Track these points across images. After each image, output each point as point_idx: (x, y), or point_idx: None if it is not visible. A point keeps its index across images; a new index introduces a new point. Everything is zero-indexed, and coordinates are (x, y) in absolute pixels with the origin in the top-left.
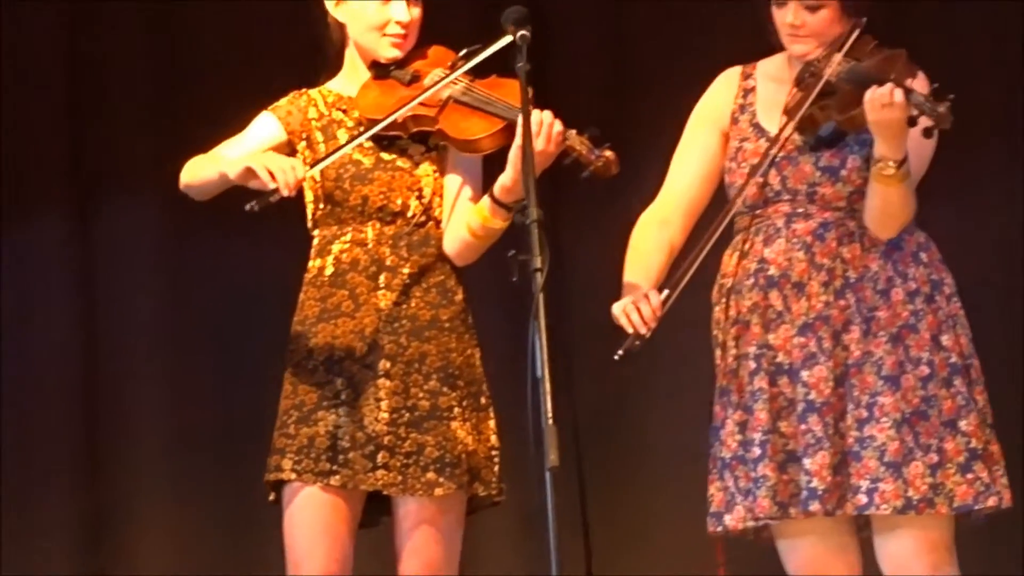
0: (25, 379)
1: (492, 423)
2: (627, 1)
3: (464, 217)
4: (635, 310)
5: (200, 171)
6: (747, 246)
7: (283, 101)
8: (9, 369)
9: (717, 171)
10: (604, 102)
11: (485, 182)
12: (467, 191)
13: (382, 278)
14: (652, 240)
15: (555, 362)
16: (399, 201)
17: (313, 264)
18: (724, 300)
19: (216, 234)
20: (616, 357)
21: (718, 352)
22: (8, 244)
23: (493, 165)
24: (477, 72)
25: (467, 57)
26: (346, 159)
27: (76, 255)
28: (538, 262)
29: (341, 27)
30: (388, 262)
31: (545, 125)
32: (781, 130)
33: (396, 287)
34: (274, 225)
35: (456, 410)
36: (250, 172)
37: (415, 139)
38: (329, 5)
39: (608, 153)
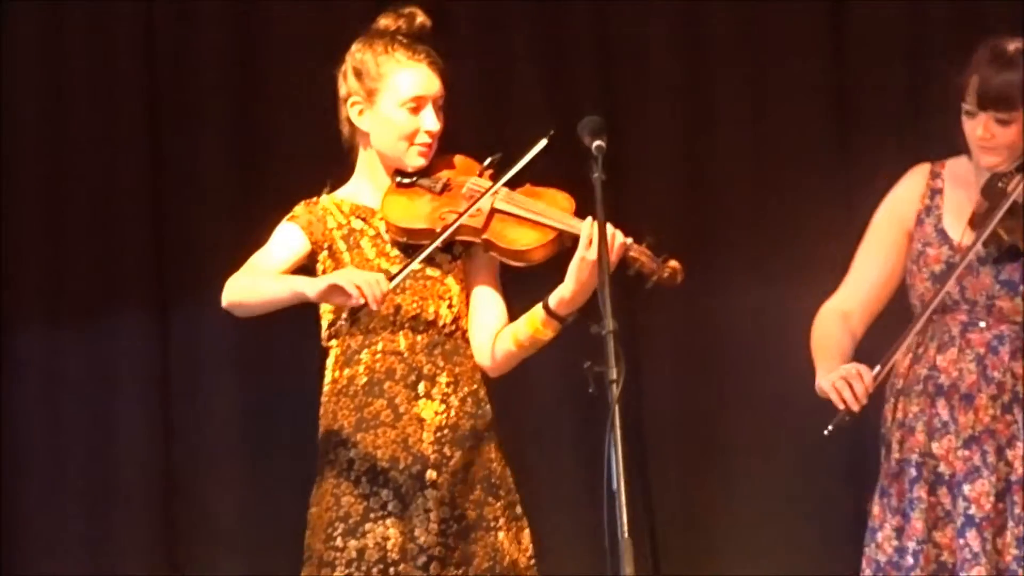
0: (104, 480)
1: (527, 532)
2: (695, 109)
3: (507, 328)
4: (847, 386)
5: (255, 290)
6: (920, 350)
7: (300, 210)
8: (90, 471)
9: (900, 269)
10: (674, 207)
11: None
12: (495, 300)
13: (421, 387)
14: (837, 327)
15: (631, 473)
16: (431, 310)
17: (340, 374)
18: (893, 400)
19: (292, 331)
20: (826, 432)
21: (883, 451)
22: (87, 339)
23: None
24: (511, 180)
25: (500, 165)
26: (369, 267)
27: (155, 351)
28: (614, 373)
29: (355, 134)
30: (426, 370)
31: (607, 236)
32: (968, 247)
33: (436, 396)
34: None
35: (500, 520)
36: (335, 289)
37: (442, 248)
38: (352, 113)
39: (672, 263)
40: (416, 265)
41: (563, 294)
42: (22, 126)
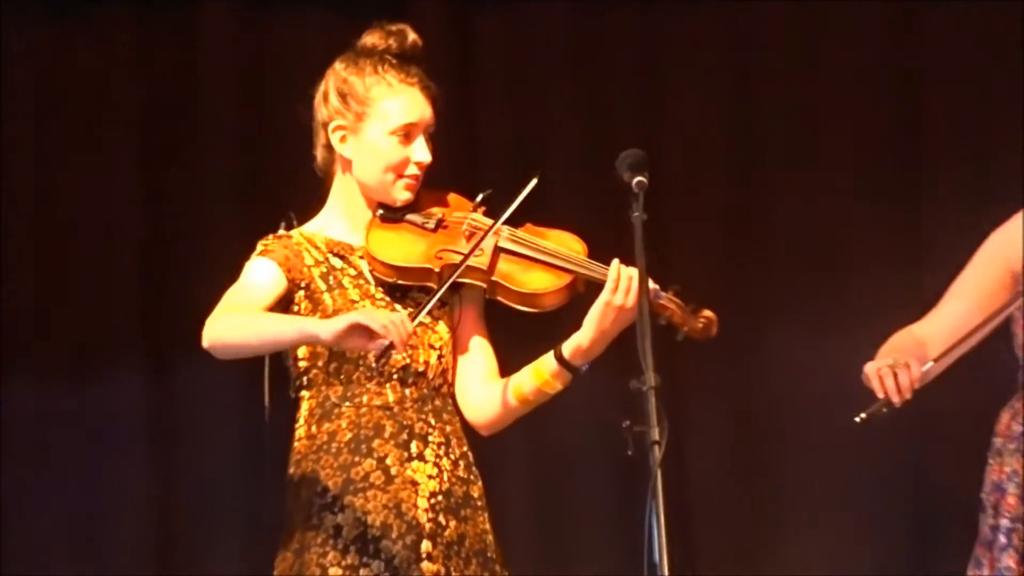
0: (98, 537)
1: None
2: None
3: (507, 381)
4: (891, 374)
5: (251, 328)
6: (1019, 404)
7: (273, 244)
8: (83, 528)
9: (994, 306)
10: (712, 249)
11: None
12: (485, 348)
13: (413, 446)
14: (909, 341)
15: (674, 543)
16: (422, 360)
17: (317, 429)
18: (991, 461)
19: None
20: (858, 420)
21: (980, 516)
22: (85, 399)
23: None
24: (510, 219)
25: (493, 202)
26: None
27: (151, 410)
28: (656, 434)
29: (333, 163)
30: (417, 428)
31: (634, 283)
32: None
33: (429, 458)
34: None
35: None
36: (356, 330)
37: (428, 292)
38: (333, 139)
39: (706, 314)
40: (431, 305)
41: (580, 342)
42: (13, 173)
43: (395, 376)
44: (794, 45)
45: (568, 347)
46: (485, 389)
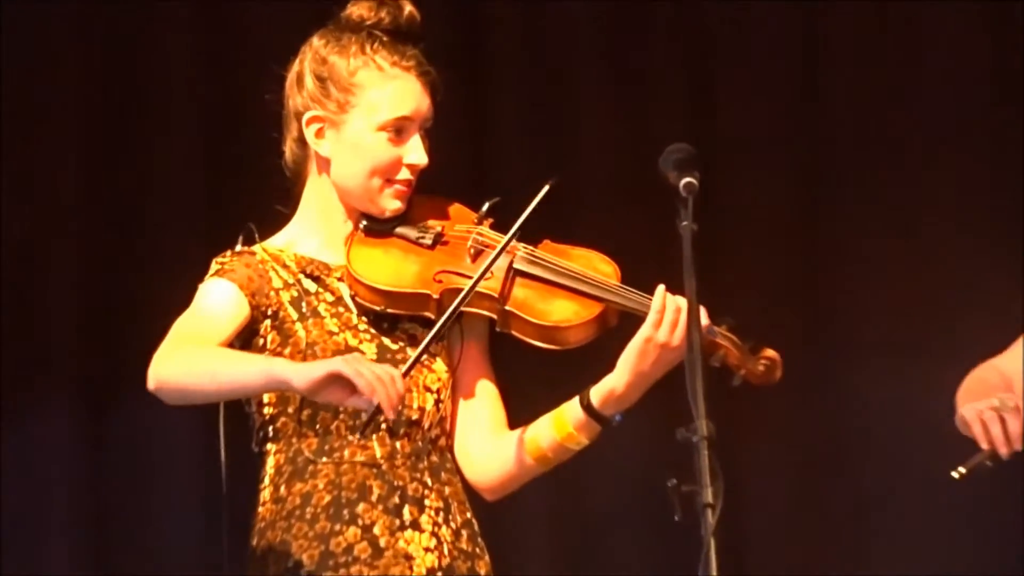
0: None
1: None
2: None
3: (520, 433)
4: (997, 420)
5: (206, 368)
6: None
7: (232, 262)
8: (10, 569)
9: None
10: (778, 273)
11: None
12: (490, 392)
13: (406, 512)
14: (999, 378)
15: None
16: (416, 406)
17: (287, 490)
18: None
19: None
20: (955, 475)
21: None
22: (12, 441)
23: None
24: (525, 234)
25: (499, 212)
26: (334, 345)
27: (81, 462)
28: (709, 495)
29: (306, 162)
30: (411, 491)
31: (683, 315)
32: None
33: (425, 526)
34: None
35: None
36: (334, 381)
37: (423, 323)
38: (308, 133)
39: (769, 353)
40: (424, 350)
41: (613, 387)
42: None
43: (383, 426)
44: (871, 42)
45: (598, 393)
46: (491, 443)
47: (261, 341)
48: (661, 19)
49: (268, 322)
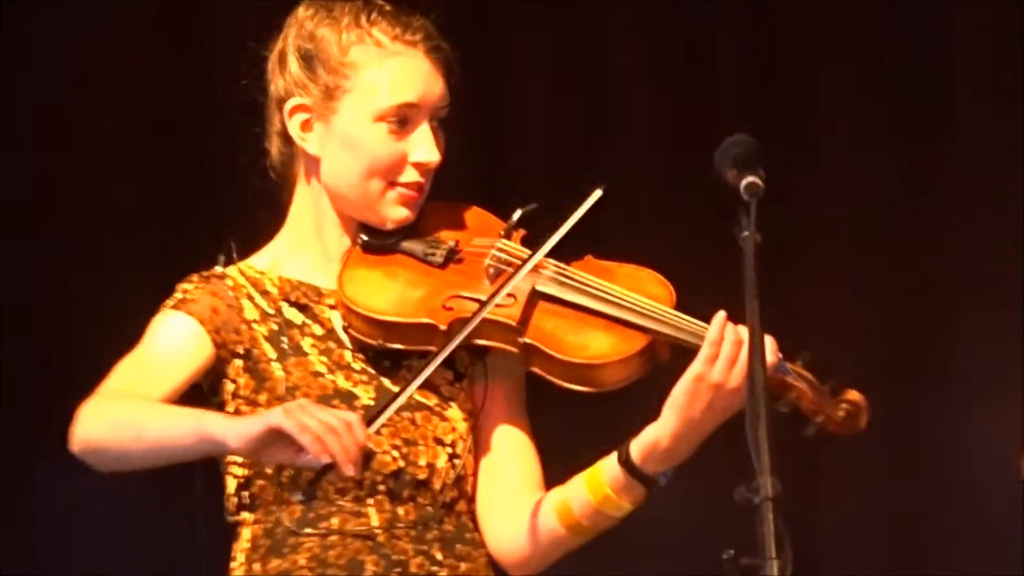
0: None
1: None
2: None
3: (549, 497)
4: None
5: (132, 427)
6: None
7: (196, 289)
8: None
9: None
10: (862, 298)
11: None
12: (523, 446)
13: None
14: None
15: None
16: (423, 462)
17: (264, 567)
18: None
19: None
20: None
21: None
22: None
23: None
24: (556, 250)
25: (532, 222)
26: (319, 388)
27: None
28: (775, 568)
29: (293, 163)
30: (414, 567)
31: (744, 348)
32: None
33: None
34: None
35: None
36: (274, 437)
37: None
38: (292, 126)
39: (852, 396)
40: (408, 393)
41: (658, 439)
42: None
43: (381, 487)
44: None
45: (639, 446)
46: (516, 509)
47: (231, 386)
48: None
49: (239, 363)
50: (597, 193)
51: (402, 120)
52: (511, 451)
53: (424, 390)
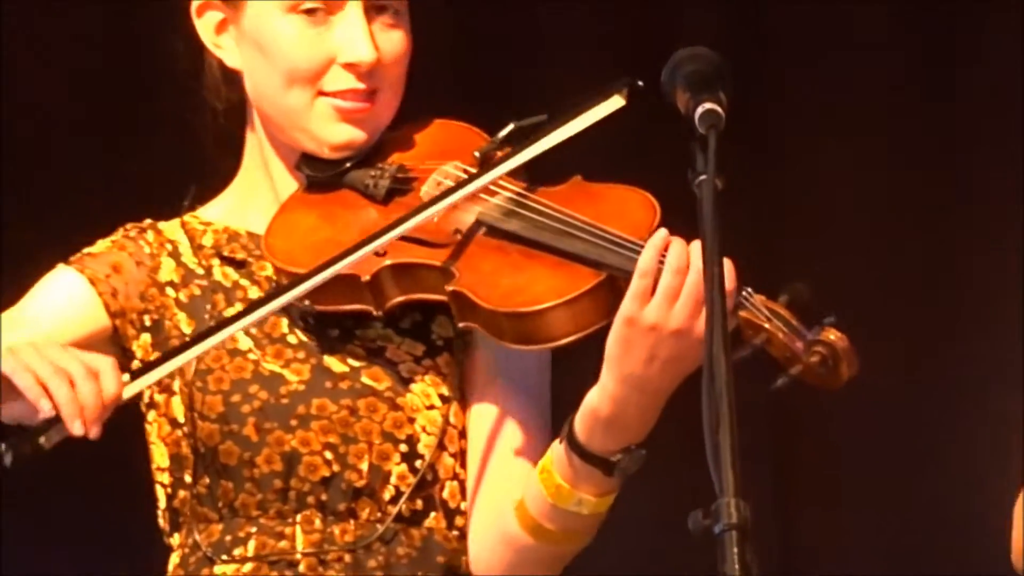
0: None
1: None
2: None
3: (514, 497)
4: None
5: None
6: None
7: (103, 244)
8: None
9: None
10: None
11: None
12: (519, 437)
13: None
14: None
15: None
16: (364, 466)
17: None
18: None
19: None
20: None
21: None
22: None
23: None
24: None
25: (518, 138)
26: (235, 370)
27: None
28: None
29: (233, 81)
30: None
31: (692, 275)
32: None
33: None
34: None
35: None
36: (7, 383)
37: (401, 327)
38: (202, 29)
39: (829, 336)
40: (219, 336)
41: (597, 405)
42: None
43: (309, 500)
44: None
45: (580, 418)
46: (489, 515)
47: (137, 367)
48: None
49: (147, 338)
50: (615, 101)
51: (320, 9)
52: (505, 441)
53: (376, 368)
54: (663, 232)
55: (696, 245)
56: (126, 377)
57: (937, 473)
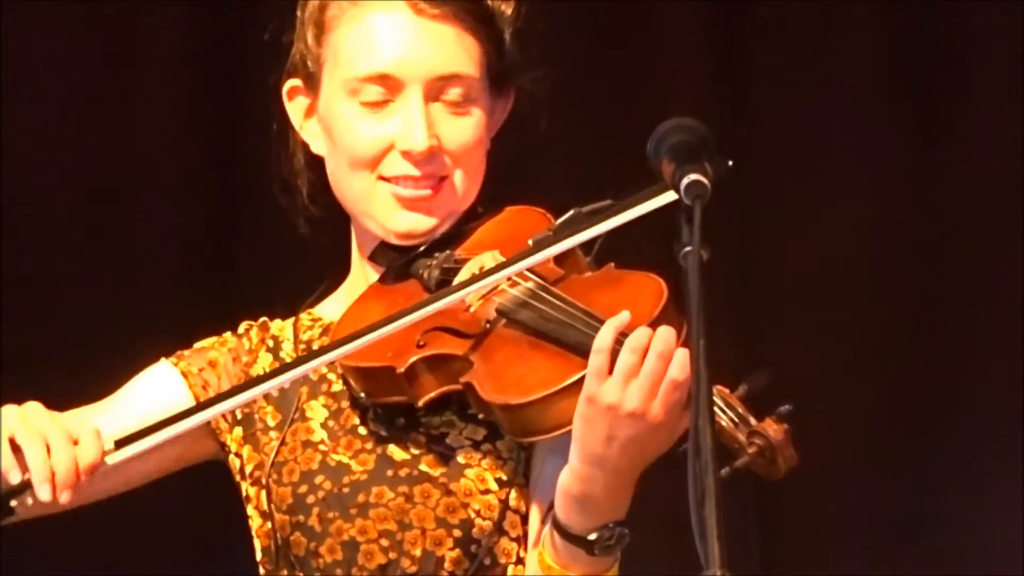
0: None
1: None
2: None
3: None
4: None
5: None
6: None
7: (205, 343)
8: None
9: None
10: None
11: None
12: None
13: None
14: None
15: None
16: (417, 552)
17: None
18: None
19: None
20: None
21: None
22: None
23: None
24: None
25: (568, 227)
26: (311, 461)
27: None
28: None
29: (316, 167)
30: None
31: (653, 362)
32: None
33: None
34: None
35: None
36: None
37: (467, 412)
38: (292, 113)
39: (767, 429)
40: (207, 414)
41: (567, 484)
42: None
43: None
44: None
45: (559, 500)
46: None
47: (236, 462)
48: None
49: (239, 432)
50: (667, 195)
51: (380, 94)
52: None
53: (433, 455)
54: (625, 314)
55: (665, 331)
56: (110, 445)
57: (928, 545)
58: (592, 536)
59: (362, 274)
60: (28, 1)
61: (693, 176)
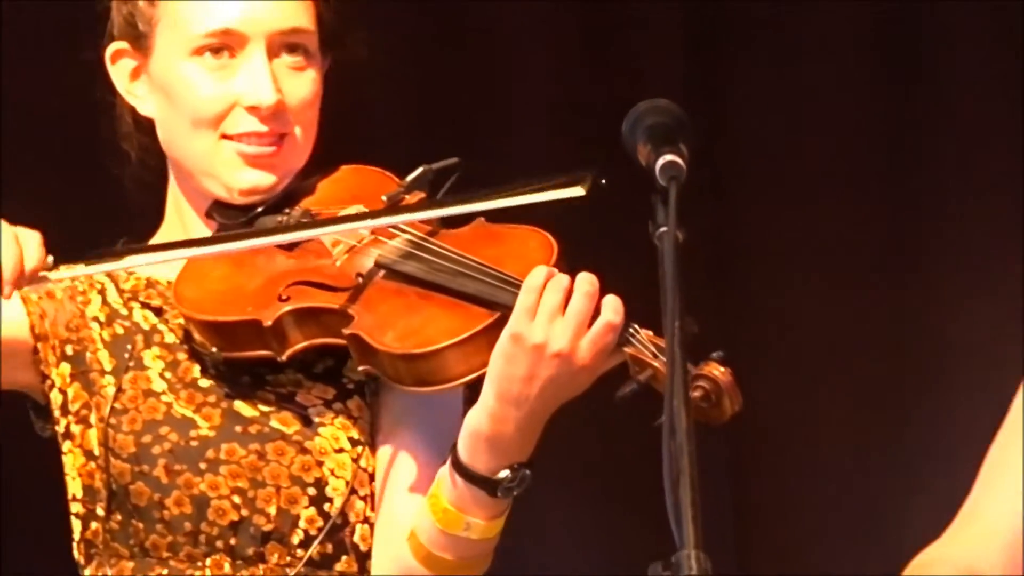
0: None
1: None
2: None
3: (409, 522)
4: None
5: None
6: None
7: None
8: None
9: None
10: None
11: None
12: (421, 477)
13: None
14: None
15: None
16: (272, 510)
17: None
18: None
19: None
20: None
21: None
22: None
23: None
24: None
25: (422, 183)
26: (148, 411)
27: None
28: None
29: (146, 129)
30: None
31: (582, 302)
32: None
33: None
34: None
35: None
36: None
37: (314, 372)
38: (116, 77)
39: (710, 371)
40: (131, 260)
41: (479, 422)
42: None
43: (219, 545)
44: None
45: (463, 436)
46: (388, 547)
47: (59, 397)
48: None
49: (66, 368)
50: (576, 190)
51: (222, 52)
52: (406, 481)
53: (285, 413)
54: (553, 263)
55: (588, 274)
56: (51, 260)
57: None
58: (500, 474)
59: (182, 231)
60: None
61: (669, 157)
